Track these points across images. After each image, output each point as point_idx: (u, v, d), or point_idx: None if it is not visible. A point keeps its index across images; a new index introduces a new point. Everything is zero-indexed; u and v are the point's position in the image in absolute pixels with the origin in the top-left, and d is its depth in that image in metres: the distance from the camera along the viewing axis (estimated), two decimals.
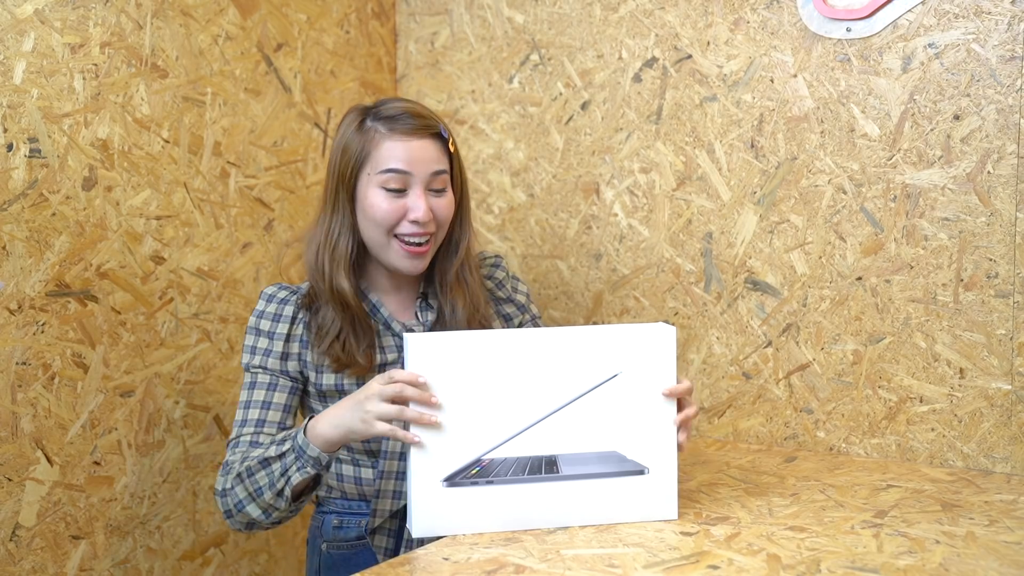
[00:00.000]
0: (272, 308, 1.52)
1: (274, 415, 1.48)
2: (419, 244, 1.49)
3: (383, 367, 1.51)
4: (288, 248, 1.98)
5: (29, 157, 1.56)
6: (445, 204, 1.51)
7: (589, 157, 1.96)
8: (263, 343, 1.51)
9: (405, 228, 1.48)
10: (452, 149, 1.52)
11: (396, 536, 1.50)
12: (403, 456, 1.49)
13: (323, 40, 2.05)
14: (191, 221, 1.80)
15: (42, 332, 1.58)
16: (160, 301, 1.75)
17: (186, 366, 1.80)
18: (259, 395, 1.48)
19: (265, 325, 1.51)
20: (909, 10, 1.60)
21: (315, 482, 1.39)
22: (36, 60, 1.56)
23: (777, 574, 1.14)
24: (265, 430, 1.46)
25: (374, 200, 1.48)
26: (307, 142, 2.03)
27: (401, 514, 1.51)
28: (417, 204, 1.47)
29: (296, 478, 1.34)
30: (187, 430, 1.81)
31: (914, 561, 1.17)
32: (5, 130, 1.53)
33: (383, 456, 1.49)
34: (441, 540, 1.28)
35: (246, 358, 1.51)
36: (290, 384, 1.50)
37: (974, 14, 1.54)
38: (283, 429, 1.49)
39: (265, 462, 1.37)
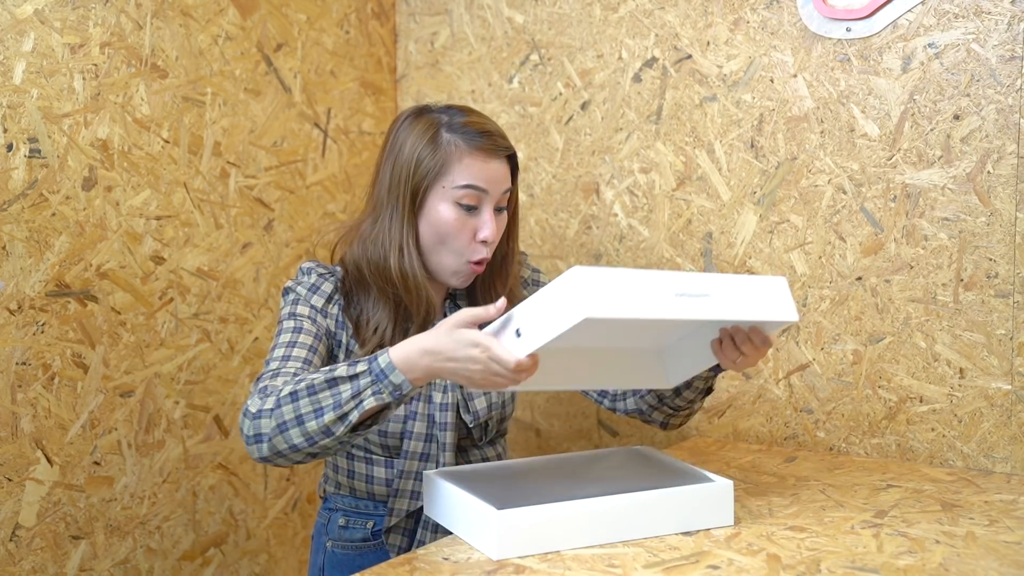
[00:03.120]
0: (312, 279, 1.49)
1: (319, 362, 1.42)
2: (479, 263, 1.48)
3: None
4: (288, 248, 1.98)
5: (29, 157, 1.56)
6: (503, 223, 1.51)
7: (589, 157, 1.96)
8: (308, 299, 1.47)
9: (478, 252, 1.47)
10: (518, 169, 1.52)
11: (410, 535, 1.50)
12: (423, 457, 1.49)
13: (323, 40, 2.05)
14: (191, 221, 1.80)
15: (42, 332, 1.58)
16: (160, 301, 1.75)
17: (186, 366, 1.80)
18: (307, 339, 1.43)
19: (302, 291, 1.48)
20: (909, 10, 1.60)
21: (375, 418, 1.27)
22: (36, 60, 1.56)
23: (777, 574, 1.14)
24: (310, 370, 1.37)
25: (446, 215, 1.45)
26: (307, 142, 2.03)
27: (416, 514, 1.51)
28: (487, 223, 1.46)
29: (370, 403, 1.22)
30: (187, 430, 1.81)
31: (914, 561, 1.17)
32: (5, 130, 1.53)
33: (403, 456, 1.49)
34: (441, 540, 1.28)
35: (288, 308, 1.47)
36: (328, 344, 1.47)
37: (974, 14, 1.54)
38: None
39: (332, 382, 1.24)
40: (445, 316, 1.55)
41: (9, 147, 1.53)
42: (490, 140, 1.47)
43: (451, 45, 2.15)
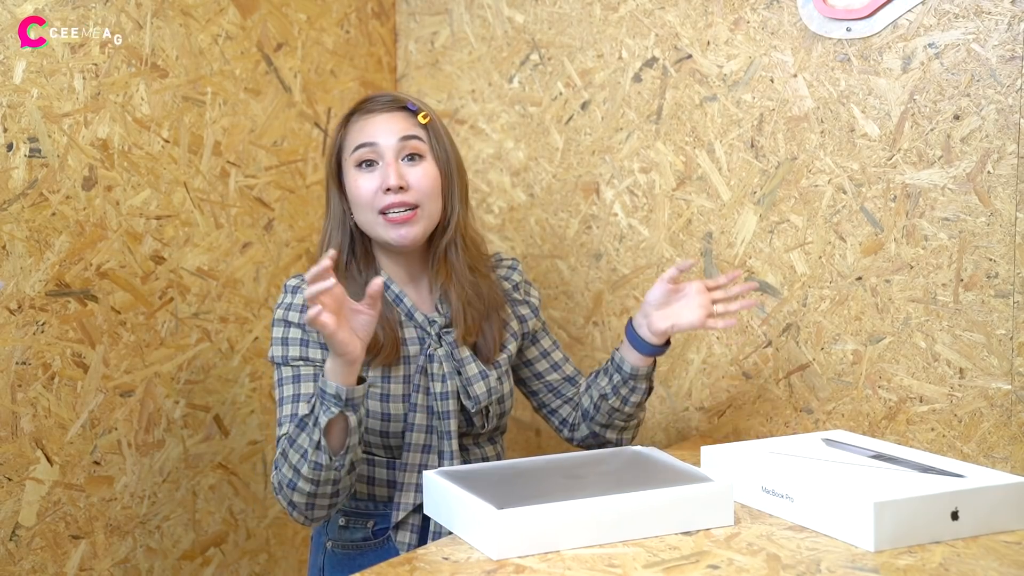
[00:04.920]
0: (299, 300, 1.51)
1: None
2: (402, 211, 1.49)
3: (407, 359, 1.52)
4: (288, 248, 1.98)
5: (29, 157, 1.56)
6: (422, 173, 1.51)
7: (589, 157, 1.96)
8: (297, 333, 1.49)
9: (383, 201, 1.49)
10: (424, 121, 1.53)
11: (420, 532, 1.50)
12: (427, 448, 1.50)
13: (323, 40, 2.05)
14: (191, 221, 1.80)
15: (42, 332, 1.58)
16: (160, 301, 1.75)
17: (186, 366, 1.80)
18: (308, 388, 1.46)
19: (294, 317, 1.50)
20: (909, 10, 1.60)
21: (349, 434, 1.37)
22: (36, 60, 1.56)
23: (777, 574, 1.14)
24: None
25: (352, 180, 1.52)
26: (307, 142, 2.03)
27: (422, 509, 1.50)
28: (387, 172, 1.49)
29: (324, 420, 1.33)
30: (187, 430, 1.81)
31: (914, 561, 1.17)
32: (5, 130, 1.53)
33: (406, 448, 1.49)
34: (441, 540, 1.28)
35: (280, 351, 1.49)
36: None
37: (974, 14, 1.54)
38: None
39: (301, 422, 1.37)
40: (437, 309, 1.56)
41: (9, 147, 1.53)
42: (373, 100, 1.55)
43: (451, 45, 2.15)
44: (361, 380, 1.37)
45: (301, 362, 1.48)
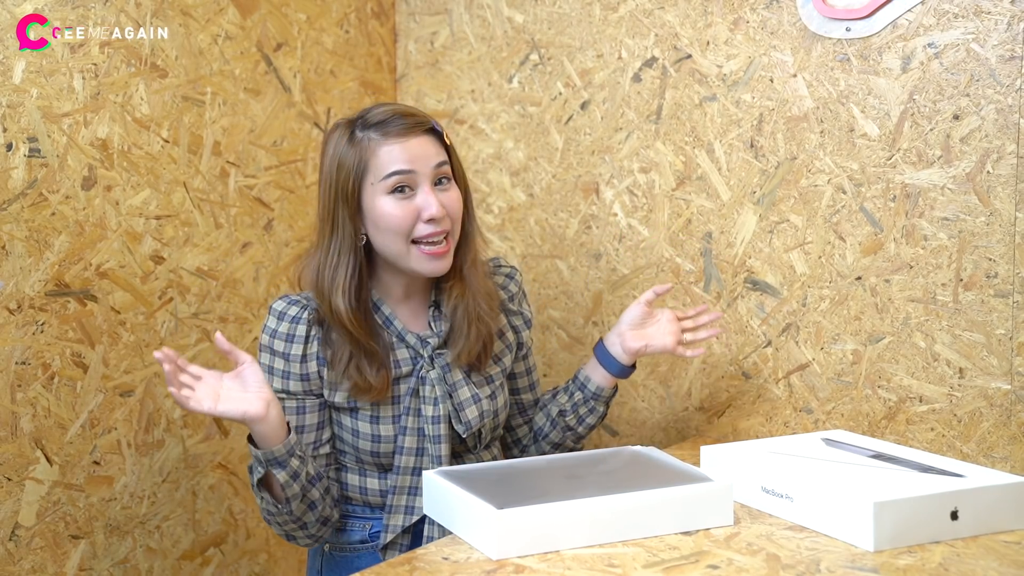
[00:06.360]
0: (284, 328, 1.48)
1: (308, 437, 1.49)
2: (437, 243, 1.45)
3: (397, 381, 1.50)
4: (288, 248, 1.98)
5: (29, 157, 1.56)
6: (454, 197, 1.48)
7: (589, 157, 1.96)
8: (280, 364, 1.48)
9: (422, 230, 1.45)
10: (448, 141, 1.50)
11: (408, 552, 1.50)
12: (416, 471, 1.49)
13: (323, 40, 2.05)
14: (191, 221, 1.80)
15: (42, 332, 1.58)
16: (160, 301, 1.75)
17: None
18: (290, 421, 1.45)
19: (279, 346, 1.48)
20: (909, 10, 1.60)
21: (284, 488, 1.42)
22: (36, 60, 1.56)
23: (777, 574, 1.14)
24: (306, 454, 1.45)
25: (384, 208, 1.44)
26: (307, 142, 2.03)
27: (412, 530, 1.50)
28: (429, 201, 1.44)
29: (254, 478, 1.40)
30: (187, 430, 1.81)
31: (914, 561, 1.17)
32: (5, 130, 1.53)
33: (395, 471, 1.48)
34: (441, 540, 1.28)
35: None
36: (318, 402, 1.49)
37: (974, 14, 1.54)
38: (320, 446, 1.50)
39: (250, 470, 1.43)
40: (430, 327, 1.54)
41: (9, 147, 1.53)
42: (400, 121, 1.46)
43: (451, 45, 2.15)
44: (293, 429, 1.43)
45: (284, 395, 1.48)
